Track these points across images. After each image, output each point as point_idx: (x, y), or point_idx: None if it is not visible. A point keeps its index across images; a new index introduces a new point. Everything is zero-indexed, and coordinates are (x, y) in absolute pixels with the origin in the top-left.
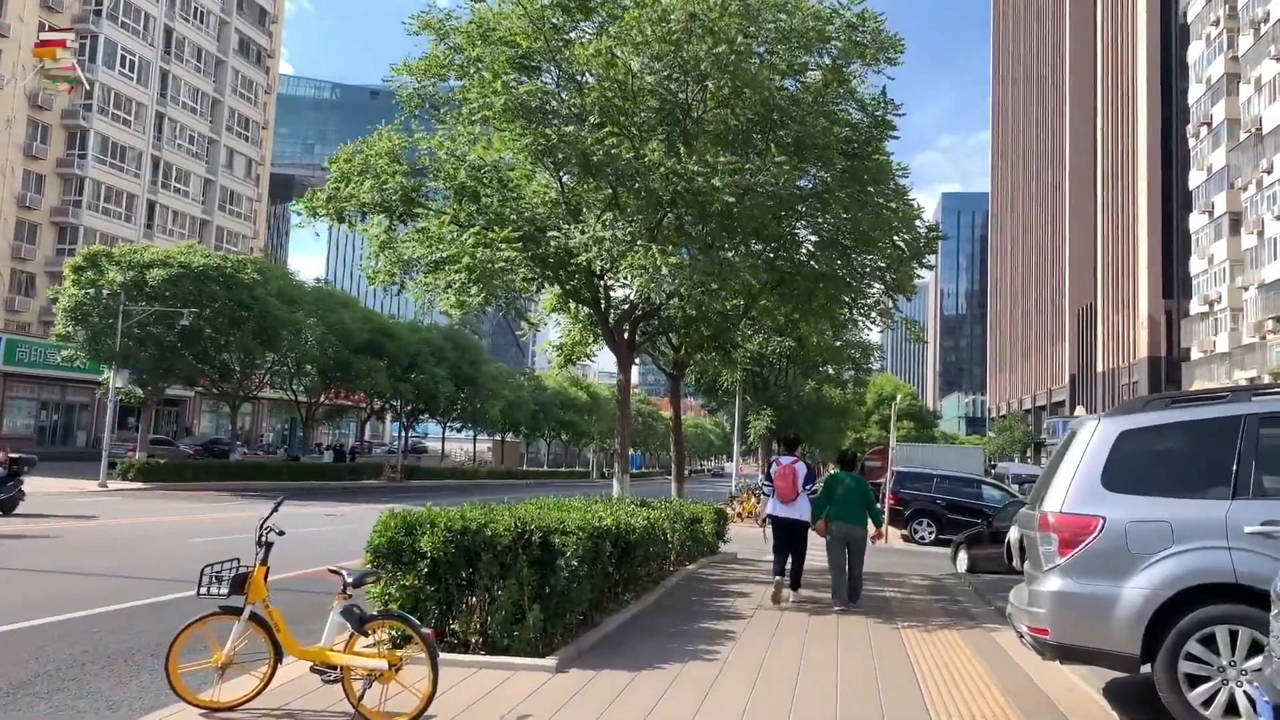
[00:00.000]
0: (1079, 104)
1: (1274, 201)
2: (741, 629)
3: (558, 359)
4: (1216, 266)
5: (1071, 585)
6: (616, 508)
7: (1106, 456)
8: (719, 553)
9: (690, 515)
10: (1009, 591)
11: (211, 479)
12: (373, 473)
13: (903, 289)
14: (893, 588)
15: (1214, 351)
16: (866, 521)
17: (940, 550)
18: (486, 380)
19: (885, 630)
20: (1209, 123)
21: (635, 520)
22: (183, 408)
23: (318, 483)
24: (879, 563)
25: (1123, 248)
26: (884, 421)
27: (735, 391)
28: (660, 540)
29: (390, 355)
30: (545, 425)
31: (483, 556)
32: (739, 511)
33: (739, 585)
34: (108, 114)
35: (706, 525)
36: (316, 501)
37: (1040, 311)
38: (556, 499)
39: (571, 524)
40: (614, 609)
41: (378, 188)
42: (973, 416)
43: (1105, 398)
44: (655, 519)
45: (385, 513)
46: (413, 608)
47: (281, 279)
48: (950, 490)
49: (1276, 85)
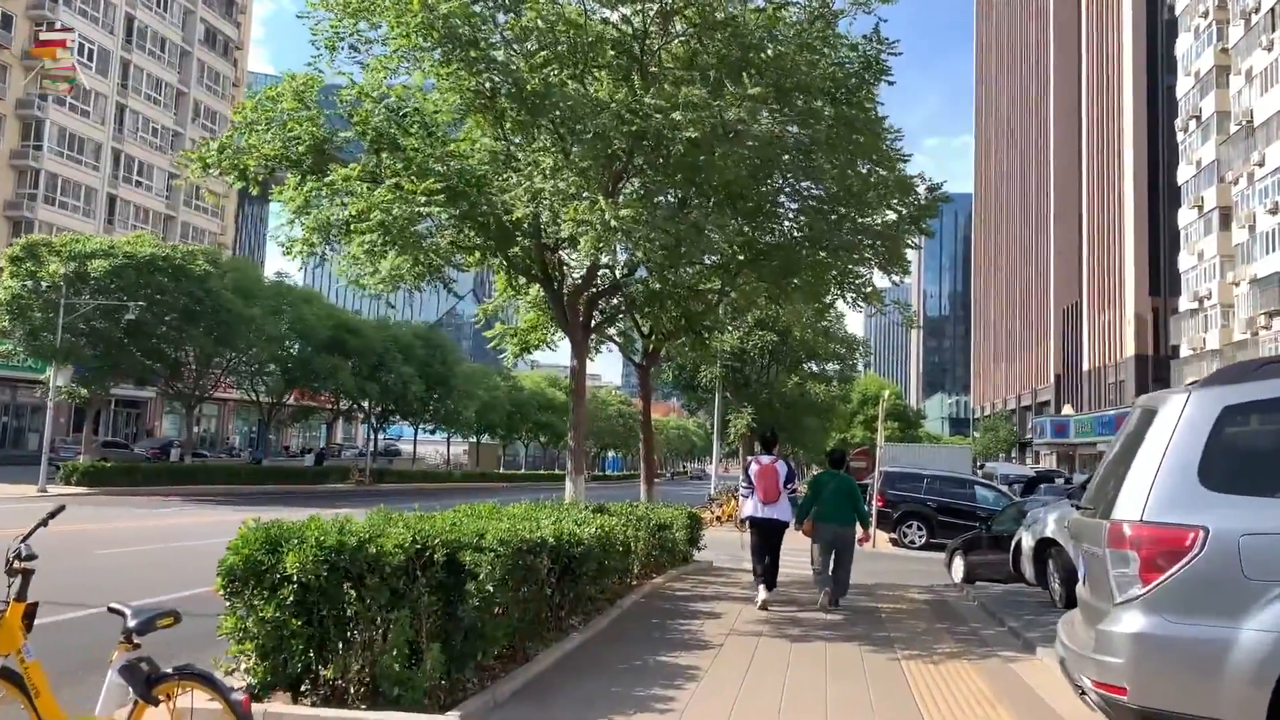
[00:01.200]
0: (1063, 102)
1: (1266, 195)
2: (709, 663)
3: (512, 349)
4: (1206, 262)
5: (1160, 626)
6: (564, 515)
7: (1205, 443)
8: (693, 562)
9: (658, 521)
10: (1021, 609)
11: (165, 483)
12: (339, 476)
13: (895, 262)
14: (887, 603)
15: (1204, 348)
16: (855, 523)
17: (932, 555)
18: (460, 380)
19: (882, 662)
20: (1198, 116)
21: (584, 530)
22: (143, 409)
23: (277, 486)
24: (867, 570)
25: (1108, 245)
26: (868, 422)
27: (715, 388)
28: (618, 552)
29: (356, 353)
30: (522, 427)
31: (368, 580)
32: (718, 515)
33: (710, 603)
34: (65, 104)
35: (678, 532)
36: (266, 507)
37: (1025, 311)
38: (494, 505)
39: (493, 537)
40: (554, 638)
41: (281, 136)
42: (956, 417)
43: (1091, 397)
44: (611, 528)
45: (246, 522)
46: (275, 648)
47: (238, 271)
48: (941, 491)
49: (1268, 76)
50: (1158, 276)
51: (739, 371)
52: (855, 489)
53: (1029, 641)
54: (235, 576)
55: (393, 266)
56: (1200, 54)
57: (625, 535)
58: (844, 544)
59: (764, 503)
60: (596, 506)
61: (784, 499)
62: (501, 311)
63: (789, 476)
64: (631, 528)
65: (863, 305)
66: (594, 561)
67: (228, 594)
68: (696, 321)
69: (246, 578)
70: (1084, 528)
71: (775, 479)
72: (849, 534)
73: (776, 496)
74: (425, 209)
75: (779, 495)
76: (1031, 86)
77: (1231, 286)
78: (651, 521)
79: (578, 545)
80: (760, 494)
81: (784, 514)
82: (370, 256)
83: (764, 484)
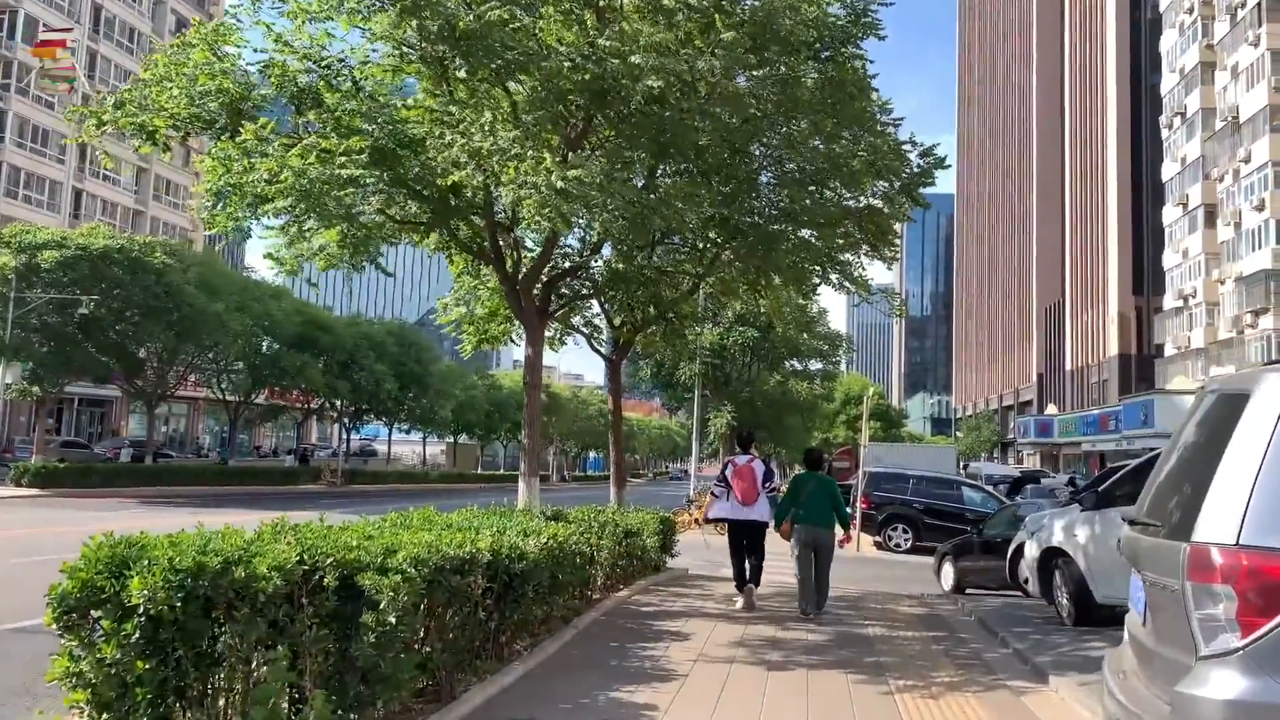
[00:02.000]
0: (1046, 102)
1: (1252, 191)
2: (669, 699)
3: (469, 339)
4: (1191, 260)
5: (1269, 692)
6: (511, 524)
7: None
8: (665, 570)
9: (625, 528)
10: (1024, 626)
11: (124, 484)
12: (311, 477)
13: (884, 238)
14: (875, 620)
15: (1189, 347)
16: (834, 524)
17: (919, 560)
18: (435, 379)
19: (873, 695)
20: (1183, 113)
21: (530, 542)
22: (108, 408)
23: (245, 488)
24: (851, 576)
25: (1091, 245)
26: (851, 421)
27: (694, 386)
28: (574, 565)
29: (326, 350)
30: (501, 427)
31: (238, 611)
32: (696, 517)
33: (680, 621)
34: (29, 95)
35: (648, 538)
36: (224, 509)
37: (1007, 311)
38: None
39: (406, 555)
40: (491, 669)
41: (190, 92)
42: (938, 417)
43: (1074, 396)
44: (566, 537)
45: (92, 539)
46: (117, 697)
47: (202, 265)
48: (928, 493)
49: (1254, 71)
50: (1141, 275)
51: (719, 369)
52: (835, 490)
53: (1039, 667)
54: (70, 607)
55: (322, 241)
56: (1185, 50)
57: (584, 545)
58: (823, 546)
59: (742, 503)
60: (553, 513)
61: (763, 499)
62: (464, 302)
63: (767, 475)
64: (593, 536)
65: (849, 288)
66: (543, 578)
67: (61, 628)
68: (669, 310)
69: (84, 608)
70: (1145, 550)
71: (753, 479)
72: (828, 537)
73: (755, 497)
74: (347, 170)
75: (758, 495)
76: (1014, 86)
77: (1217, 284)
78: (618, 528)
79: (520, 560)
80: (738, 494)
81: (763, 514)
82: (288, 230)
83: (742, 484)
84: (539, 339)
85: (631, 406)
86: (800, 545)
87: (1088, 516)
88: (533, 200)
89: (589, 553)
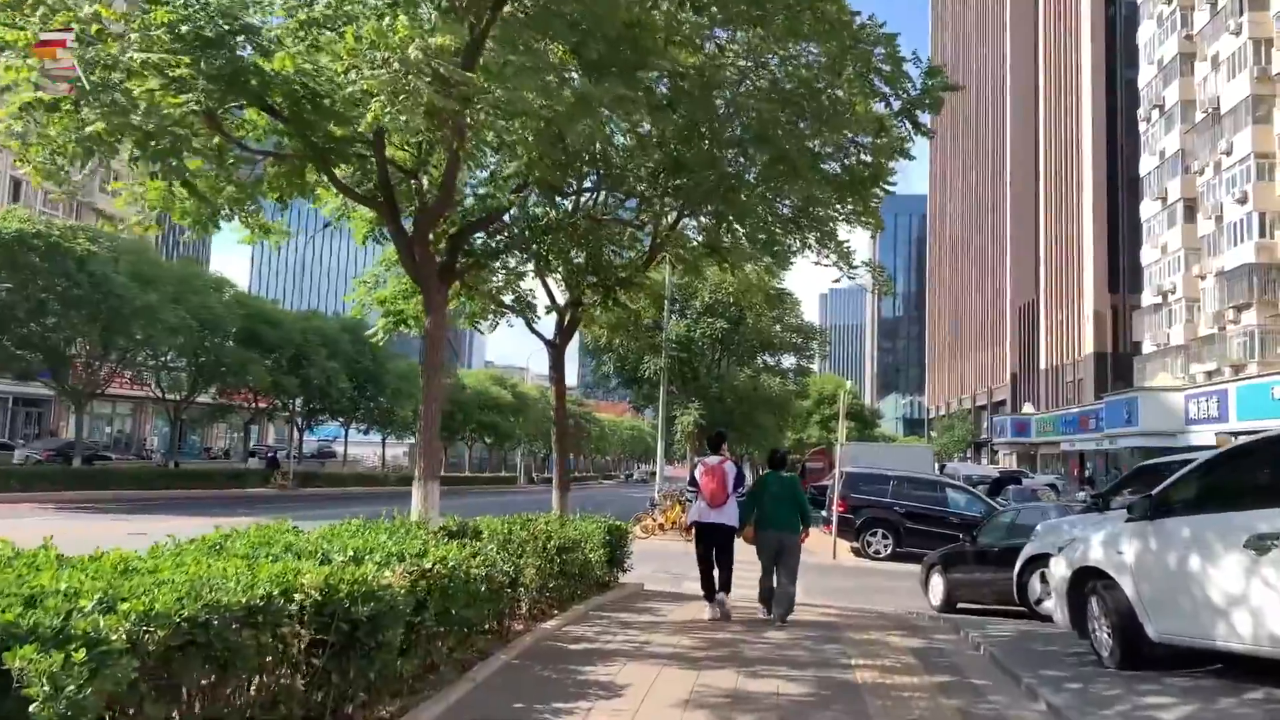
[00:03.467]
0: (1019, 99)
1: (1234, 184)
2: None
3: (382, 323)
4: (1170, 255)
5: None
6: (379, 545)
7: None
8: (616, 586)
9: (561, 541)
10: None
11: (49, 488)
12: (260, 480)
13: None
14: (863, 659)
15: (1168, 344)
16: (800, 527)
17: (900, 568)
18: (392, 377)
19: None
20: (1161, 106)
21: (388, 574)
22: (45, 408)
23: (184, 492)
24: (827, 588)
25: (1066, 243)
26: (825, 422)
27: (660, 381)
28: (476, 595)
29: (273, 346)
30: (465, 428)
31: None
32: (660, 522)
33: (615, 665)
34: None
35: (593, 552)
36: (153, 515)
37: (980, 310)
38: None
39: (138, 605)
40: None
41: None
42: (911, 418)
43: (1049, 395)
44: (461, 562)
45: None
46: None
47: (134, 254)
48: (909, 495)
49: (1236, 61)
50: (1117, 273)
51: (686, 363)
52: (799, 491)
53: None
54: None
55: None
56: (1163, 41)
57: (495, 568)
58: (790, 550)
59: (710, 506)
60: (458, 526)
61: (732, 502)
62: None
63: (738, 479)
64: (515, 554)
65: (830, 256)
66: (420, 618)
67: None
68: (611, 277)
69: None
70: None
71: (723, 481)
72: (795, 540)
73: (724, 499)
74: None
75: (727, 498)
76: (987, 83)
77: (1197, 280)
78: (549, 542)
79: (368, 600)
80: (706, 497)
81: (732, 518)
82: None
83: (710, 486)
84: (440, 305)
85: (605, 408)
86: (766, 551)
87: (1138, 528)
88: (381, 83)
89: (505, 576)
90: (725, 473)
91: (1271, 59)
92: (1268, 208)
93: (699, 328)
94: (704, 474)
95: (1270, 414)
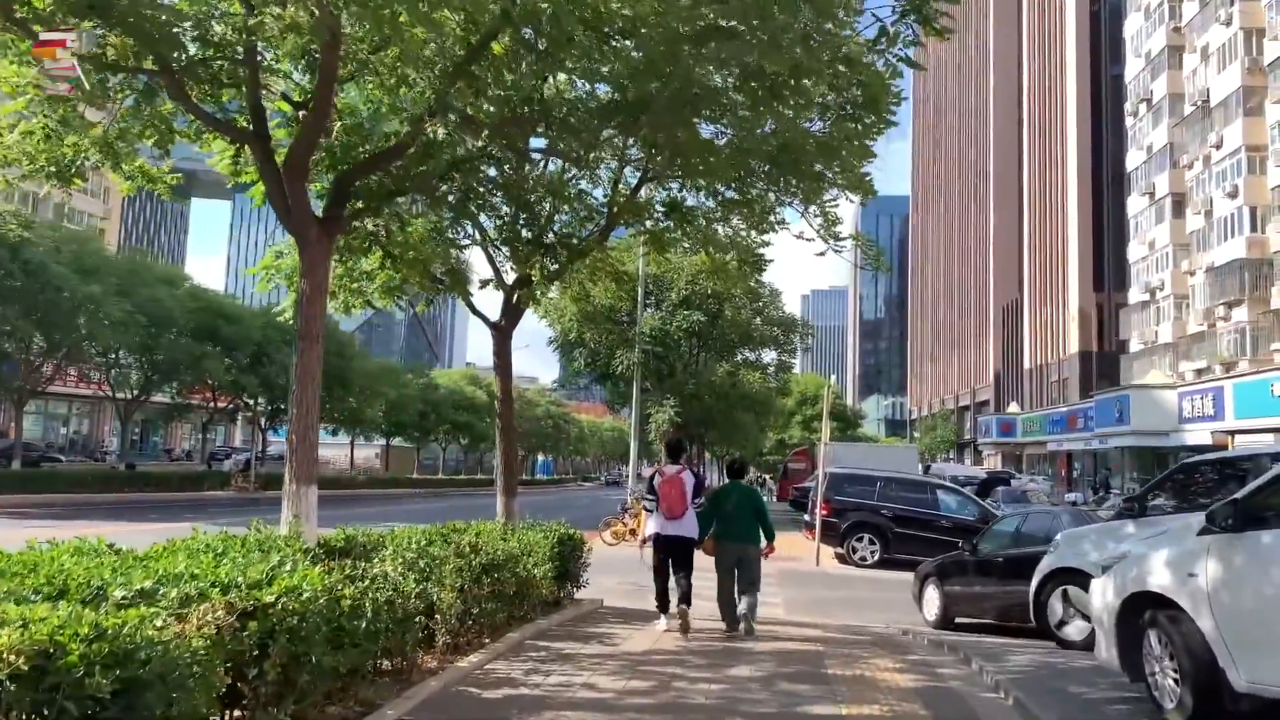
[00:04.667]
0: (1003, 97)
1: (1225, 178)
2: None
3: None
4: (1158, 251)
5: None
6: (168, 574)
7: None
8: (569, 605)
9: (490, 559)
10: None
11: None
12: (218, 482)
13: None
14: (854, 705)
15: (1156, 342)
16: (760, 539)
17: (889, 576)
18: (359, 376)
19: None
20: (1149, 99)
21: (162, 621)
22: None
23: (137, 495)
24: (811, 600)
25: (1051, 241)
26: (807, 422)
27: (633, 377)
28: (354, 633)
29: (230, 342)
30: (438, 428)
31: None
32: (632, 527)
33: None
34: None
35: (538, 567)
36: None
37: (963, 310)
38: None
39: None
40: None
41: None
42: (893, 419)
43: (1033, 395)
44: (322, 591)
45: None
46: None
47: (76, 244)
48: (898, 497)
49: (1226, 52)
50: (1102, 271)
51: (662, 359)
52: (760, 501)
53: None
54: None
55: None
56: (1151, 34)
57: (401, 595)
58: (749, 562)
59: (669, 518)
60: (342, 543)
61: (690, 514)
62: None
63: (697, 488)
64: (429, 575)
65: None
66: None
67: None
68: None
69: None
70: None
71: (681, 491)
72: (755, 552)
73: (682, 511)
74: None
75: (685, 510)
76: (970, 80)
77: (1186, 276)
78: (476, 559)
79: (130, 662)
80: (664, 508)
81: (692, 530)
82: None
83: (669, 497)
84: (319, 261)
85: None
86: (724, 565)
87: (1220, 544)
88: None
89: (413, 604)
90: (684, 482)
91: (1263, 49)
92: (1259, 201)
93: (675, 320)
94: (663, 484)
95: (1270, 411)
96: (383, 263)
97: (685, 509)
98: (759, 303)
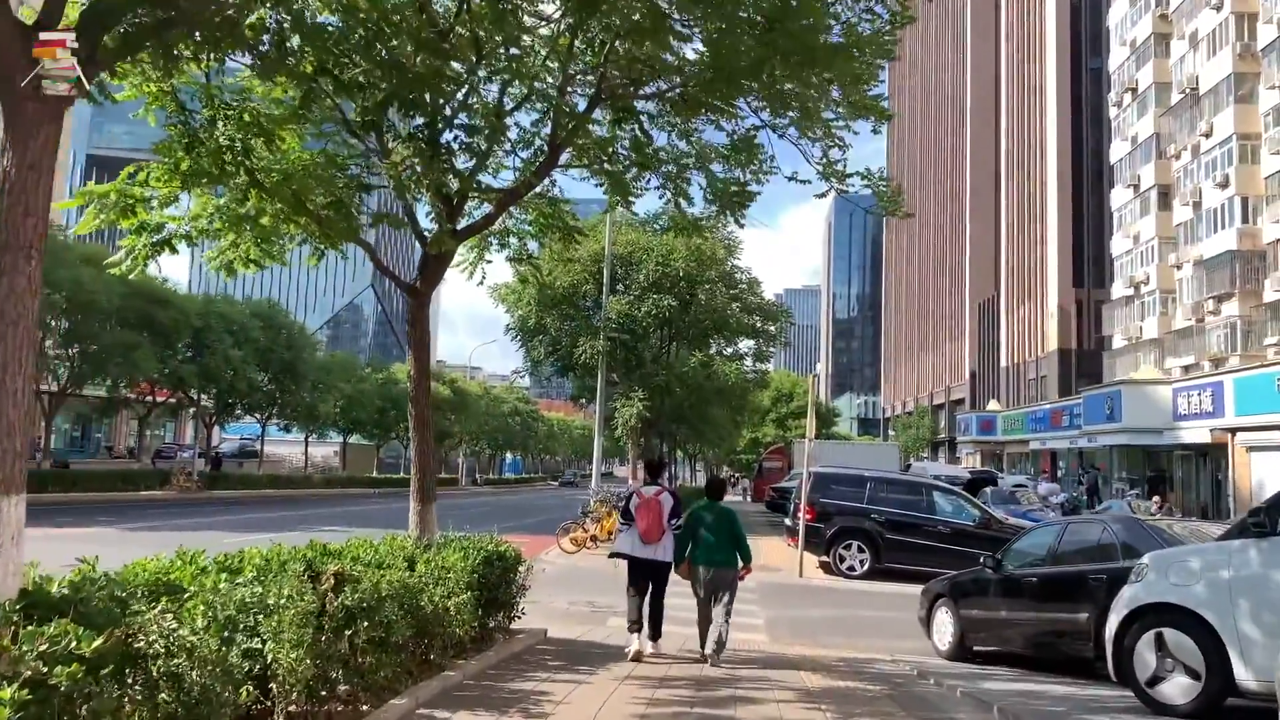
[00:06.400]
0: (980, 90)
1: (1215, 167)
2: None
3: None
4: (1143, 245)
5: None
6: None
7: None
8: (499, 642)
9: (364, 596)
10: None
11: None
12: (156, 482)
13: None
14: None
15: (1141, 338)
16: (737, 562)
17: (882, 588)
18: (312, 369)
19: None
20: (1134, 89)
21: None
22: None
23: (64, 495)
24: (793, 619)
25: (1029, 237)
26: (782, 420)
27: (597, 366)
28: None
29: (165, 330)
30: (398, 425)
31: None
32: (594, 533)
33: None
34: None
35: (451, 598)
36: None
37: (938, 308)
38: None
39: None
40: None
41: None
42: (866, 417)
43: (1010, 393)
44: None
45: None
46: None
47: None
48: (889, 499)
49: (1216, 38)
50: (1081, 267)
51: (629, 347)
52: (736, 522)
53: None
54: None
55: None
56: (1137, 21)
57: (198, 665)
58: (725, 586)
59: (644, 541)
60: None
61: (668, 537)
62: None
63: (674, 510)
64: (255, 630)
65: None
66: None
67: None
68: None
69: None
70: None
71: (659, 514)
72: (731, 575)
73: (659, 535)
74: None
75: (662, 534)
76: (948, 74)
77: (1173, 270)
78: (338, 602)
79: None
80: (641, 529)
81: (667, 554)
82: None
83: (646, 519)
84: (42, 117)
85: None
86: (700, 588)
87: None
88: None
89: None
90: (662, 505)
91: (1257, 34)
92: (1251, 191)
93: (643, 305)
94: (639, 507)
95: (1275, 407)
96: (247, 192)
97: (661, 533)
98: (735, 289)
